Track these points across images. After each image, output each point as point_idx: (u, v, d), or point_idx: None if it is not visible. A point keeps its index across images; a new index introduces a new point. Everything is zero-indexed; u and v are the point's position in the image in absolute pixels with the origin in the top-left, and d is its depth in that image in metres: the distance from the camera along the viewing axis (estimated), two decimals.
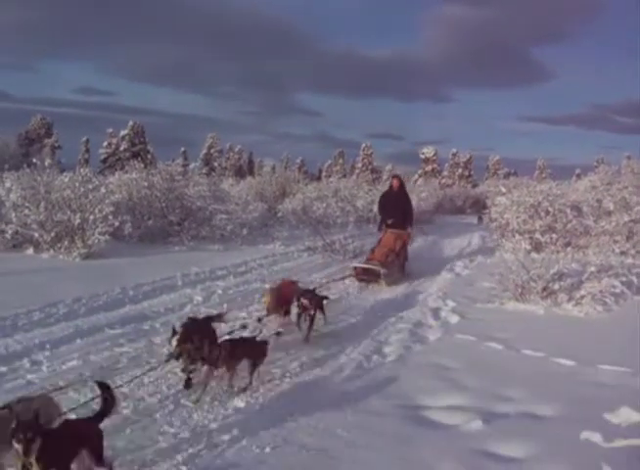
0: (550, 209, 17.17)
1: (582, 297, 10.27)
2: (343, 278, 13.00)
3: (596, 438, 4.89)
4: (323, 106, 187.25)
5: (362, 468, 4.67)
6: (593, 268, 11.12)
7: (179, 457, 4.87)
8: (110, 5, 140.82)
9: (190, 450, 4.98)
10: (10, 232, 14.96)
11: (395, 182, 14.87)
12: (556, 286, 10.46)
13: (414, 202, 32.90)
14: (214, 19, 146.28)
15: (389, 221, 14.42)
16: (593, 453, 4.69)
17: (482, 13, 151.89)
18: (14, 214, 15.09)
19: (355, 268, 13.47)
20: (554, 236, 16.35)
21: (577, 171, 72.94)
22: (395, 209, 14.39)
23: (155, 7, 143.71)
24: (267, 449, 4.85)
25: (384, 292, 12.37)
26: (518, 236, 17.13)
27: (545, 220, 17.01)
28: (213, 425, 5.54)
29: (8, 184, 15.90)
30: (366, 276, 13.15)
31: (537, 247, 16.21)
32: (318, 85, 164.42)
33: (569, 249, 14.63)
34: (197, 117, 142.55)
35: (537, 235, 16.60)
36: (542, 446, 4.86)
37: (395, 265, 13.82)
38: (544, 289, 10.48)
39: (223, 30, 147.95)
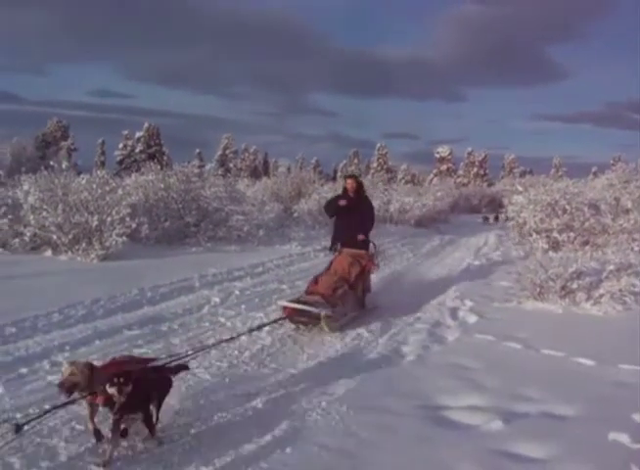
0: (567, 207, 17.08)
1: (601, 296, 10.20)
2: (275, 322, 9.03)
3: (623, 438, 4.85)
4: (337, 106, 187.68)
5: (382, 468, 4.65)
6: (612, 267, 11.05)
7: (199, 458, 4.87)
8: (124, 8, 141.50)
9: (210, 450, 4.97)
10: (28, 234, 15.07)
11: (350, 184, 10.77)
12: (574, 285, 10.39)
13: (430, 201, 33.40)
14: (228, 20, 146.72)
15: (344, 238, 10.71)
16: (619, 454, 4.65)
17: (496, 11, 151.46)
18: (32, 217, 15.20)
19: (285, 308, 9.28)
20: (572, 235, 16.28)
21: (594, 169, 72.56)
22: (351, 220, 10.62)
23: (169, 9, 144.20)
24: (288, 450, 4.85)
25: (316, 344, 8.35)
26: (535, 235, 17.06)
27: (562, 219, 16.92)
28: (234, 426, 5.54)
29: (26, 187, 15.99)
30: (304, 318, 9.09)
31: (555, 245, 16.14)
32: (332, 85, 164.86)
33: (587, 247, 14.56)
34: (211, 118, 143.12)
35: (555, 234, 16.52)
36: (564, 447, 4.82)
37: (348, 301, 9.84)
38: (562, 288, 10.42)
39: (237, 31, 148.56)
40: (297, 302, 9.23)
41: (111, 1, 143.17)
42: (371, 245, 10.93)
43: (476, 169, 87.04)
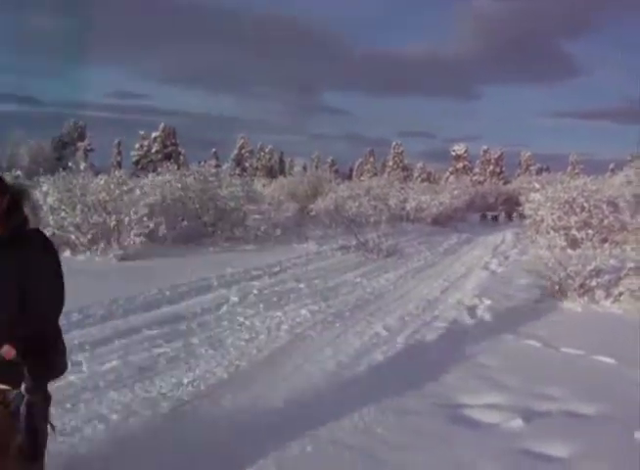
0: (585, 204, 17.04)
1: (621, 293, 10.16)
2: None
3: None
4: (352, 104, 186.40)
5: (404, 467, 4.65)
6: (632, 264, 10.99)
7: (224, 454, 4.88)
8: (140, 9, 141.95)
9: (233, 447, 4.98)
10: (47, 235, 15.15)
11: None
12: (593, 283, 10.36)
13: (446, 200, 33.26)
14: (243, 20, 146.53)
15: None
16: None
17: (512, 6, 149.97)
18: (51, 217, 15.32)
19: None
20: (590, 232, 16.21)
21: (612, 166, 72.08)
22: None
23: (186, 9, 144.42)
24: (309, 449, 4.84)
25: None
26: (552, 232, 17.00)
27: (580, 216, 16.87)
28: (252, 421, 5.55)
29: (45, 188, 16.12)
30: None
31: (573, 243, 16.06)
32: (347, 84, 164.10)
33: (606, 245, 14.46)
34: (227, 117, 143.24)
35: (573, 231, 16.46)
36: (587, 446, 4.79)
37: None
38: (581, 286, 10.38)
39: (252, 31, 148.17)
40: None
41: (127, 2, 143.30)
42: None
43: (492, 167, 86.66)
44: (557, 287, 10.54)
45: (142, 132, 74.00)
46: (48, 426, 3.49)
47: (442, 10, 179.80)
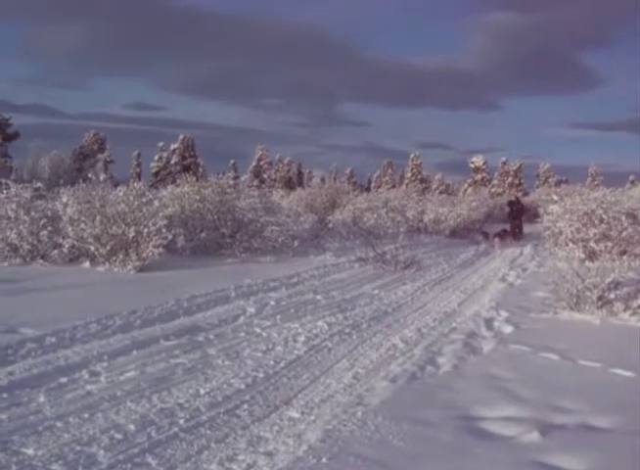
0: (604, 216, 16.93)
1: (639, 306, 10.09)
2: None
3: None
4: (371, 116, 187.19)
5: None
6: None
7: (237, 467, 4.92)
8: (157, 21, 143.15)
9: (247, 461, 5.02)
10: (67, 246, 15.30)
11: None
12: (612, 295, 10.28)
13: (464, 211, 33.03)
14: (260, 31, 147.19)
15: None
16: None
17: (529, 19, 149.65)
18: (70, 229, 15.44)
19: None
20: (609, 244, 16.12)
21: (631, 178, 71.75)
22: None
23: (204, 21, 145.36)
24: (324, 460, 4.86)
25: None
26: (571, 244, 16.92)
27: (599, 228, 16.77)
28: (269, 435, 5.58)
29: (65, 199, 16.23)
30: None
31: (592, 255, 15.99)
32: (366, 95, 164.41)
33: (624, 257, 14.39)
34: (246, 129, 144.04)
35: (592, 243, 16.37)
36: (603, 459, 4.77)
37: None
38: (600, 298, 10.30)
39: (270, 43, 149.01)
40: None
41: (144, 14, 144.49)
42: None
43: (510, 179, 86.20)
44: (575, 299, 10.47)
45: (161, 144, 74.56)
46: None
47: (460, 22, 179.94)
